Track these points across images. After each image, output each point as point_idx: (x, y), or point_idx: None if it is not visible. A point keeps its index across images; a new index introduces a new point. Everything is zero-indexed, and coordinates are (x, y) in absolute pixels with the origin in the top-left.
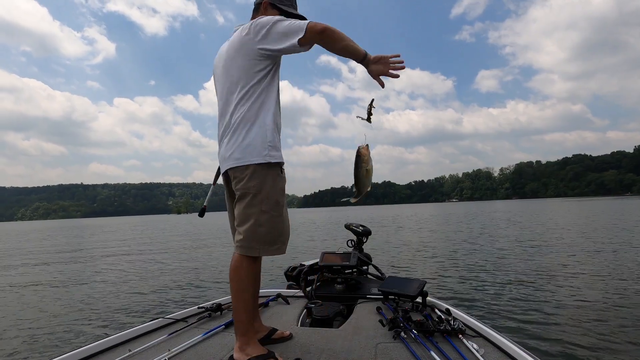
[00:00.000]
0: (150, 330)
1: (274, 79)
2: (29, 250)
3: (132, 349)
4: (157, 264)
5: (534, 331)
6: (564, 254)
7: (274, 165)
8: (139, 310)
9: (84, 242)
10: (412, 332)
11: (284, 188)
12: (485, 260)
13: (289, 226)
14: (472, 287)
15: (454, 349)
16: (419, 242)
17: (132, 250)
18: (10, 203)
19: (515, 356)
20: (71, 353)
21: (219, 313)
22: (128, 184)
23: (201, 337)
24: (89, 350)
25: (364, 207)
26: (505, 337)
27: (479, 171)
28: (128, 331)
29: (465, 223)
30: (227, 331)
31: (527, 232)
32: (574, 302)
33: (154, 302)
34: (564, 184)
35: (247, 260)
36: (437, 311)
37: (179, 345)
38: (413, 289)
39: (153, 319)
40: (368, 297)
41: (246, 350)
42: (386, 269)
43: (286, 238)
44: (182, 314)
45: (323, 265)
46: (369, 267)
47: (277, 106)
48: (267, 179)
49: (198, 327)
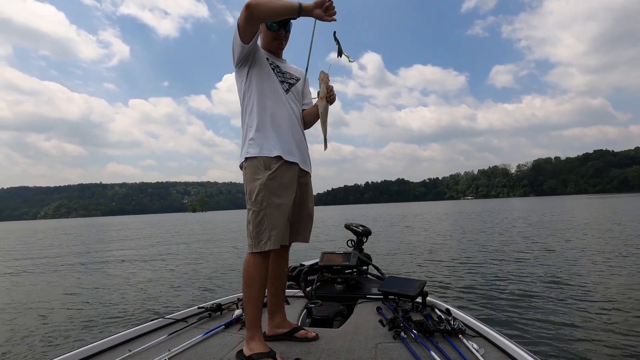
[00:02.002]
0: (150, 330)
1: (252, 83)
2: (31, 250)
3: (132, 349)
4: (158, 263)
5: (534, 331)
6: (566, 253)
7: (251, 160)
8: (139, 310)
9: (88, 241)
10: (412, 332)
11: (270, 182)
12: (486, 260)
13: (284, 221)
14: (473, 287)
15: (454, 349)
16: (420, 242)
17: (135, 250)
18: (34, 202)
19: (515, 356)
20: (71, 353)
21: (219, 313)
22: (145, 183)
23: (201, 337)
24: (89, 350)
25: (377, 205)
26: (505, 337)
27: (495, 168)
28: (128, 331)
29: (473, 221)
30: (227, 331)
31: (534, 230)
32: (574, 302)
33: (154, 302)
34: (585, 181)
35: (249, 256)
36: (437, 311)
37: (179, 345)
38: (413, 289)
39: (153, 319)
40: (368, 297)
41: (250, 344)
42: (386, 269)
43: (275, 233)
44: (182, 314)
45: (323, 265)
46: (369, 267)
47: (265, 106)
48: (248, 175)
49: (198, 327)
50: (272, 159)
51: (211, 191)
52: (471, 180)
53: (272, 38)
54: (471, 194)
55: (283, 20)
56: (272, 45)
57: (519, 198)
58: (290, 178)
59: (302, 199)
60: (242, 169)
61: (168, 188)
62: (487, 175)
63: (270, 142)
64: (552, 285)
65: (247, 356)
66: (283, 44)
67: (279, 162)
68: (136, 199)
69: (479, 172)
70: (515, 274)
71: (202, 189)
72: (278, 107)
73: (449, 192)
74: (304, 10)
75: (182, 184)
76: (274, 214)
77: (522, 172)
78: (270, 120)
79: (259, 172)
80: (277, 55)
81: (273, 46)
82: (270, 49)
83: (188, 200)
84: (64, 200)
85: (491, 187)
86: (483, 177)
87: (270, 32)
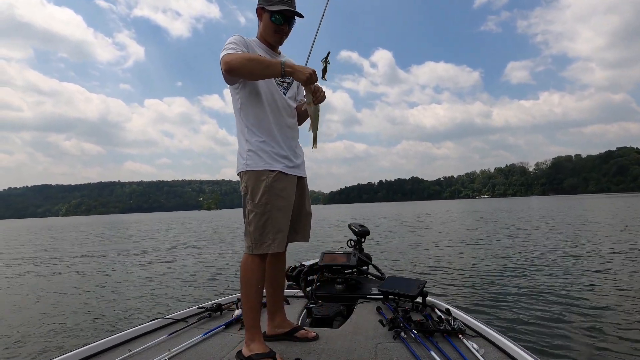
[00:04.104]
0: (150, 330)
1: (245, 89)
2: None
3: (132, 349)
4: (158, 263)
5: (534, 331)
6: (568, 254)
7: (254, 172)
8: (139, 310)
9: (94, 240)
10: (412, 332)
11: (275, 184)
12: (486, 259)
13: (283, 224)
14: (473, 287)
15: (454, 349)
16: (421, 242)
17: (136, 250)
18: (57, 200)
19: (515, 356)
20: (71, 353)
21: (219, 313)
22: (161, 182)
23: (201, 337)
24: (89, 350)
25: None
26: (505, 337)
27: (512, 166)
28: (128, 331)
29: (483, 221)
30: (227, 331)
31: (542, 230)
32: (575, 302)
33: (154, 302)
34: (607, 179)
35: (246, 257)
36: (437, 311)
37: (179, 345)
38: (413, 289)
39: (153, 319)
40: (368, 297)
41: (250, 345)
42: (386, 269)
43: (281, 237)
44: (182, 314)
45: (323, 265)
46: (369, 267)
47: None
48: (250, 179)
49: (198, 327)
50: (271, 171)
51: (225, 189)
52: (487, 178)
53: (273, 31)
54: (487, 193)
55: (288, 16)
56: (272, 38)
57: (538, 197)
58: (291, 182)
59: (300, 201)
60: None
61: (184, 186)
62: (504, 173)
63: (268, 154)
64: (552, 285)
65: (246, 357)
66: (283, 39)
67: (279, 173)
68: (153, 197)
69: (496, 170)
70: (515, 274)
71: (217, 186)
72: (274, 116)
73: (464, 191)
74: (287, 72)
75: (197, 182)
76: (278, 217)
77: (541, 170)
78: (266, 132)
79: (263, 174)
80: (274, 49)
81: (272, 39)
82: (268, 41)
83: (203, 197)
84: (84, 198)
85: (508, 186)
86: (500, 176)
87: (273, 24)
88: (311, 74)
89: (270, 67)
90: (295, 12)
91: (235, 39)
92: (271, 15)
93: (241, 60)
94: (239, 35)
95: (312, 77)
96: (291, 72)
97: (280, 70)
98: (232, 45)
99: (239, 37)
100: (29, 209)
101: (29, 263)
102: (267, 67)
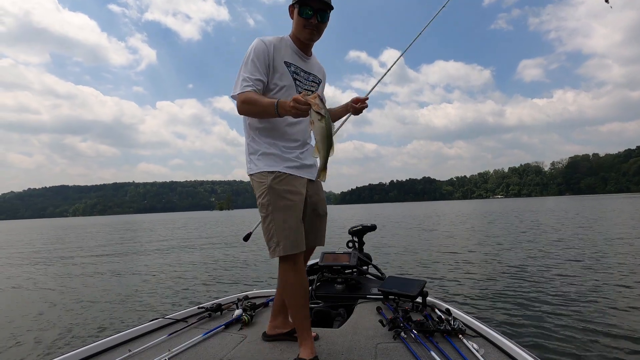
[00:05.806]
0: (150, 330)
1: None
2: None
3: (132, 349)
4: (159, 263)
5: (534, 331)
6: (568, 254)
7: (257, 174)
8: (139, 310)
9: (101, 241)
10: (412, 332)
11: (276, 185)
12: (486, 260)
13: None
14: (473, 287)
15: (454, 349)
16: (423, 242)
17: (137, 250)
18: (73, 200)
19: (515, 356)
20: (71, 353)
21: (219, 313)
22: (174, 182)
23: (201, 337)
24: (89, 350)
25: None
26: (505, 337)
27: (527, 165)
28: (128, 331)
29: (491, 221)
30: (227, 331)
31: (550, 231)
32: (575, 302)
33: (154, 302)
34: (627, 179)
35: (279, 262)
36: (437, 311)
37: (179, 345)
38: (413, 289)
39: (153, 319)
40: (368, 297)
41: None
42: (386, 269)
43: (286, 240)
44: (182, 314)
45: (323, 265)
46: (369, 267)
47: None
48: (255, 183)
49: (198, 327)
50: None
51: (237, 189)
52: (501, 178)
53: (303, 26)
54: (501, 193)
55: (318, 6)
56: (302, 34)
57: (554, 197)
58: (298, 184)
59: (313, 203)
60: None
61: (196, 187)
62: (519, 173)
63: (271, 156)
64: (552, 285)
65: None
66: (314, 36)
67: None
68: (166, 197)
69: (510, 169)
70: (515, 274)
71: (229, 187)
72: (291, 125)
73: (477, 191)
74: (281, 108)
75: (209, 182)
76: (280, 219)
77: (557, 169)
78: (271, 135)
79: (264, 176)
80: (306, 48)
81: (302, 36)
82: (299, 39)
83: (215, 197)
84: (100, 198)
85: (522, 186)
86: (514, 175)
87: (302, 18)
88: (299, 108)
89: (266, 111)
90: (324, 3)
91: (254, 58)
92: (299, 8)
93: (241, 106)
94: (259, 41)
95: (300, 111)
96: (284, 114)
97: (274, 112)
98: (244, 83)
99: (259, 45)
100: (47, 209)
101: (29, 263)
102: (264, 112)
